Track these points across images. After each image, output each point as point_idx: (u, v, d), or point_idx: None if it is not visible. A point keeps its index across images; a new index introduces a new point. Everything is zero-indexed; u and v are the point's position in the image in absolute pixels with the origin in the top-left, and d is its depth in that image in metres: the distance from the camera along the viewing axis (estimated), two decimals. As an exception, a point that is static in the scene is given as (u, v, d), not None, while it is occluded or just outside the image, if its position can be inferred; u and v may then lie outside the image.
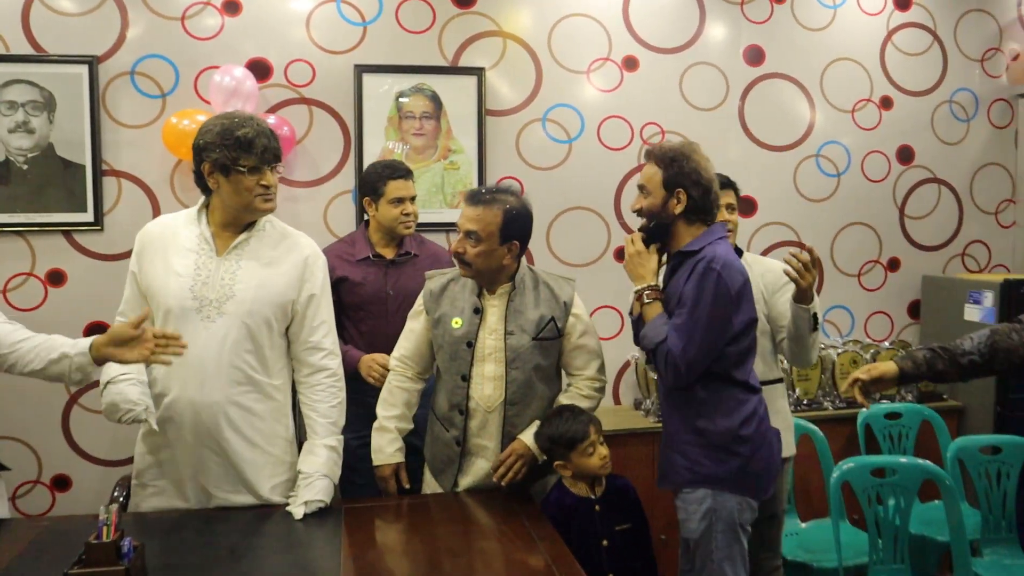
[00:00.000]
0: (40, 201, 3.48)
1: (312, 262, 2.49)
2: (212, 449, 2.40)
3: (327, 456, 2.48)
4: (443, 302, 2.60)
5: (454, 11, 3.75)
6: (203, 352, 2.35)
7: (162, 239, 2.42)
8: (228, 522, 2.38)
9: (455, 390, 2.57)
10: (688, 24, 3.98)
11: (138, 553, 1.99)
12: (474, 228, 2.46)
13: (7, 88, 3.43)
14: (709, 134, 3.98)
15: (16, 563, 2.12)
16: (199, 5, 3.56)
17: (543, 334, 2.54)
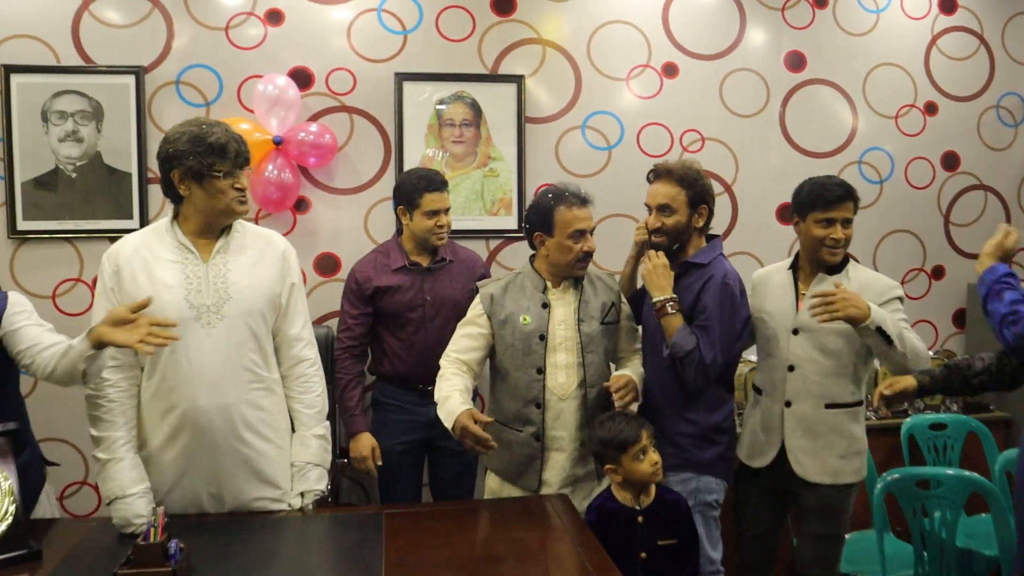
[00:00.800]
0: (88, 208, 3.55)
1: (288, 255, 2.54)
2: (229, 452, 2.42)
3: (318, 445, 2.54)
4: (507, 303, 2.75)
5: (494, 19, 3.77)
6: (211, 358, 2.36)
7: (139, 256, 2.38)
8: (266, 527, 2.40)
9: (530, 385, 2.70)
10: (728, 30, 3.96)
11: (184, 555, 2.02)
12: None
13: (57, 98, 3.51)
14: (750, 140, 3.95)
15: (66, 562, 2.16)
16: (242, 15, 3.62)
17: (608, 318, 2.77)
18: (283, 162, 3.49)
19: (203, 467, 2.42)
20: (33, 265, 3.49)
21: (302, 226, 3.67)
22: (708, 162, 3.91)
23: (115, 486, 2.34)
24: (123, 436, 2.38)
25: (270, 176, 3.47)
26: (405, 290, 3.16)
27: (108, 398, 2.37)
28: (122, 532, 2.34)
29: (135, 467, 2.38)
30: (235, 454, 2.42)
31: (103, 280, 2.39)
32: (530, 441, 2.69)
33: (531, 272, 2.78)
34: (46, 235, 3.51)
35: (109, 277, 2.38)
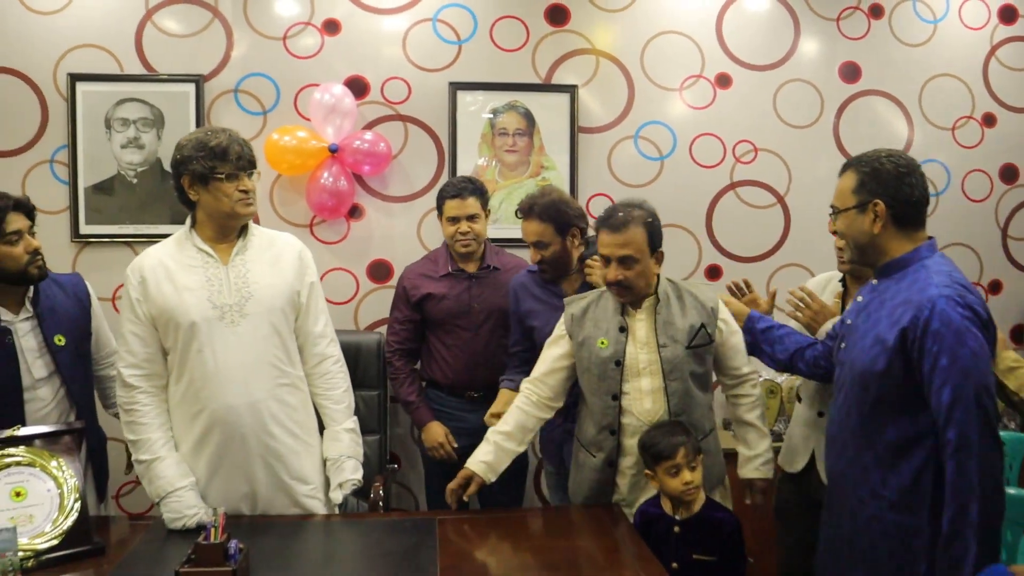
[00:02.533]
0: (147, 213, 3.62)
1: (304, 255, 2.59)
2: (259, 449, 2.45)
3: (349, 439, 2.58)
4: (586, 324, 2.60)
5: (547, 29, 3.79)
6: (236, 356, 2.41)
7: (162, 265, 2.45)
8: (320, 529, 2.43)
9: (605, 411, 2.55)
10: (782, 41, 3.93)
11: (243, 555, 2.05)
12: (628, 252, 2.46)
13: (120, 106, 3.59)
14: (803, 152, 3.92)
15: (129, 559, 2.21)
16: (300, 25, 3.68)
17: (696, 342, 2.54)
18: (338, 170, 3.54)
19: (235, 466, 2.46)
20: (94, 267, 3.56)
21: (356, 233, 3.72)
22: (761, 173, 3.92)
23: (164, 483, 2.40)
24: (161, 437, 2.44)
25: (325, 183, 3.52)
26: (451, 297, 3.19)
27: (141, 403, 2.44)
28: (173, 527, 2.39)
29: (180, 463, 2.44)
30: (265, 450, 2.46)
31: (129, 292, 2.44)
32: (603, 467, 2.58)
33: (612, 293, 2.61)
34: (107, 239, 3.60)
35: (135, 288, 2.43)
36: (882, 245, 2.13)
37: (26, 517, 2.17)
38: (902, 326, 1.99)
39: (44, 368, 2.52)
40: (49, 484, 2.24)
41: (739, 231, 3.92)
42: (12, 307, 2.50)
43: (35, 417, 2.47)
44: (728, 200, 3.91)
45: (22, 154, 3.58)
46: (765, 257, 3.93)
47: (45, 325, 2.52)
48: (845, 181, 2.17)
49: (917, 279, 2.04)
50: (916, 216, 2.12)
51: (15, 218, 2.46)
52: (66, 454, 2.30)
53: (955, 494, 1.91)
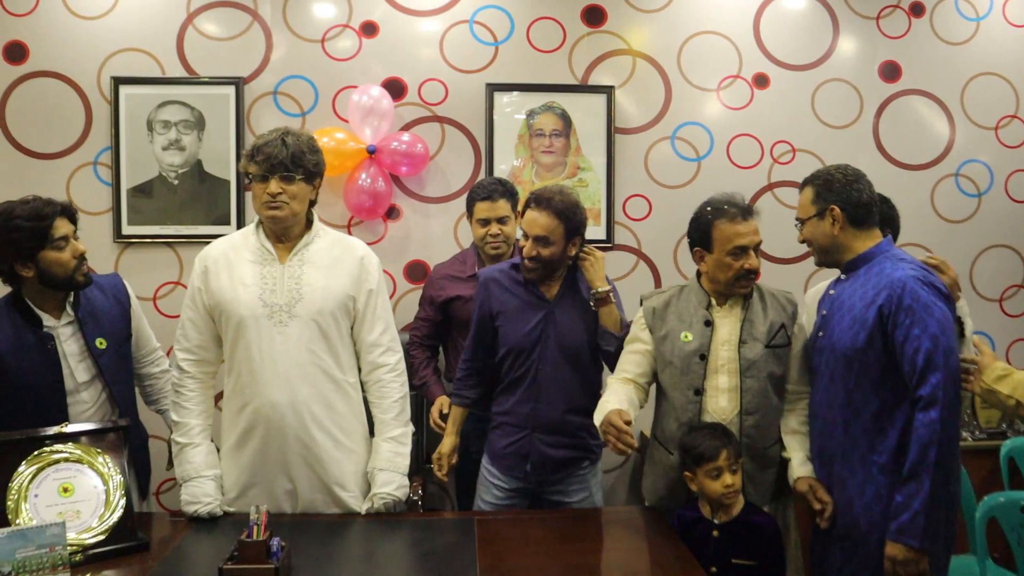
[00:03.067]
0: (187, 214, 3.67)
1: (367, 261, 2.58)
2: (299, 449, 2.48)
3: (387, 449, 2.55)
4: (669, 318, 2.60)
5: (584, 30, 3.78)
6: (281, 355, 2.44)
7: (225, 257, 2.51)
8: (359, 528, 2.45)
9: (686, 406, 2.53)
10: (821, 40, 3.89)
11: (285, 553, 2.07)
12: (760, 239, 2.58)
13: (162, 108, 3.65)
14: (842, 152, 3.87)
15: (173, 555, 2.24)
16: (338, 28, 3.71)
17: (775, 341, 2.52)
18: (376, 171, 3.56)
19: (277, 463, 2.49)
20: (136, 268, 3.62)
21: (393, 233, 3.74)
22: (799, 174, 3.83)
23: (191, 468, 2.49)
24: (200, 424, 2.53)
25: (363, 184, 3.54)
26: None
27: (188, 388, 2.53)
28: (186, 511, 2.46)
29: (210, 454, 2.53)
30: (305, 451, 2.48)
31: (193, 280, 2.53)
32: (679, 465, 2.52)
33: (696, 287, 2.60)
34: (148, 239, 3.65)
35: (198, 277, 2.52)
36: (844, 244, 2.44)
37: (73, 512, 2.21)
38: (878, 304, 2.29)
39: (86, 372, 2.51)
40: (95, 480, 2.28)
41: (776, 232, 3.84)
42: (54, 312, 2.49)
43: (78, 420, 2.48)
44: (766, 201, 3.88)
45: (67, 156, 3.65)
46: (803, 259, 3.89)
47: (86, 329, 2.51)
48: (804, 195, 2.51)
49: (884, 267, 2.35)
50: (868, 216, 2.44)
51: (61, 223, 2.43)
52: (111, 451, 2.34)
53: (918, 440, 2.20)
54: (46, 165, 3.64)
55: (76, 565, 2.08)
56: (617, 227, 3.81)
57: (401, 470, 2.55)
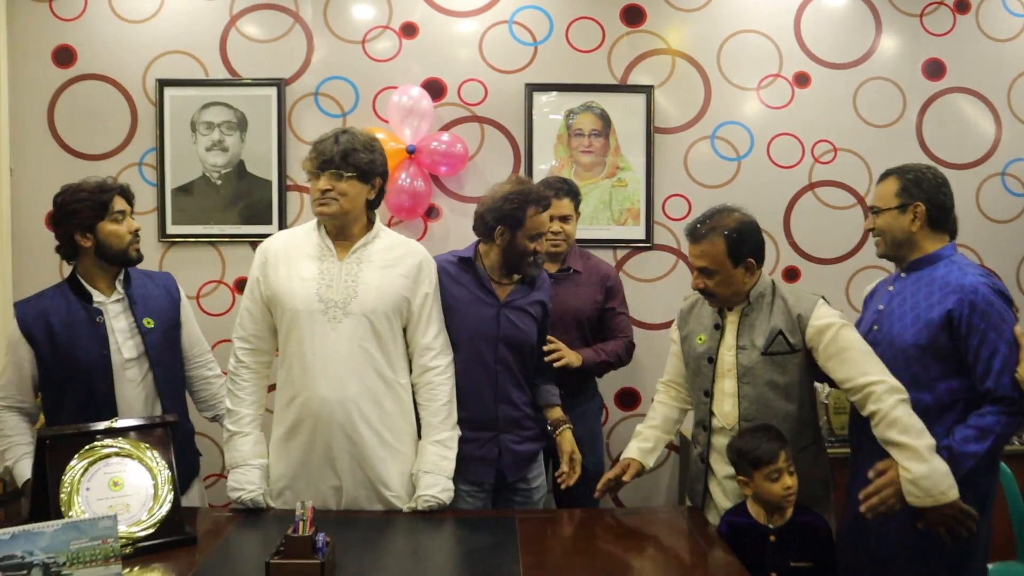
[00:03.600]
0: (230, 214, 3.72)
1: (425, 265, 2.60)
2: (345, 445, 2.49)
3: (433, 452, 2.55)
4: (691, 320, 2.65)
5: (623, 30, 3.78)
6: (333, 351, 2.46)
7: (285, 250, 2.56)
8: (402, 525, 2.45)
9: (699, 406, 2.60)
10: (863, 38, 3.85)
11: (331, 548, 2.08)
12: (703, 264, 2.46)
13: (205, 110, 3.70)
14: (884, 151, 3.82)
15: (220, 549, 2.26)
16: (378, 29, 3.74)
17: (772, 348, 2.46)
18: (416, 170, 3.59)
19: (323, 457, 2.51)
20: (180, 267, 3.67)
21: (432, 233, 3.76)
22: (840, 173, 3.85)
23: (239, 456, 2.54)
24: (251, 414, 2.57)
25: (403, 184, 3.56)
26: None
27: (242, 377, 2.58)
28: (231, 496, 2.51)
29: (258, 443, 2.57)
30: (351, 447, 2.50)
31: (252, 270, 2.58)
32: (697, 461, 2.61)
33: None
34: (192, 239, 3.70)
35: (258, 267, 2.57)
36: (917, 242, 2.48)
37: (123, 506, 2.24)
38: (947, 308, 2.34)
39: (134, 349, 2.60)
40: (144, 474, 2.31)
41: (818, 232, 3.85)
42: (105, 290, 2.62)
43: (124, 398, 2.58)
44: (807, 201, 3.85)
45: (113, 157, 3.72)
46: (844, 259, 3.85)
47: (135, 308, 2.62)
48: (888, 186, 2.52)
49: (951, 270, 2.41)
50: (946, 222, 2.50)
51: (120, 200, 2.61)
52: (159, 446, 2.37)
53: (980, 423, 2.30)
54: (93, 166, 3.70)
55: (127, 557, 2.11)
56: (656, 227, 3.80)
57: (446, 473, 2.55)
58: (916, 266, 2.49)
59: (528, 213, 2.65)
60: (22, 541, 1.88)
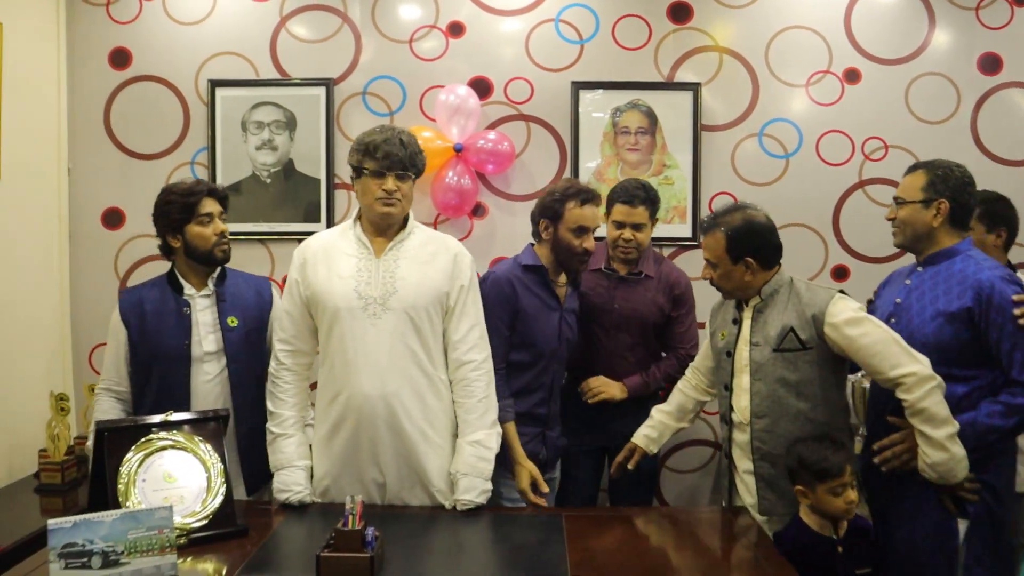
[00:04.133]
0: (279, 212, 3.78)
1: (461, 259, 2.62)
2: (388, 441, 2.52)
3: (469, 453, 2.55)
4: (718, 315, 2.73)
5: (670, 27, 3.76)
6: (374, 347, 2.49)
7: (323, 250, 2.59)
8: (447, 521, 2.48)
9: (721, 400, 2.66)
10: (915, 33, 3.78)
11: (379, 542, 2.11)
12: (707, 256, 2.59)
13: (256, 110, 3.76)
14: (937, 148, 3.72)
15: (271, 542, 2.30)
16: (425, 28, 3.77)
17: (784, 345, 2.48)
18: (462, 168, 3.61)
19: (367, 454, 2.54)
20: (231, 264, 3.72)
21: (479, 231, 3.77)
22: (891, 171, 3.78)
23: (283, 457, 2.58)
24: (293, 415, 2.61)
25: (450, 182, 3.59)
26: (595, 294, 3.14)
27: (283, 379, 2.62)
28: (278, 498, 2.55)
29: (302, 444, 2.61)
30: (396, 442, 2.52)
31: (292, 273, 2.62)
32: (722, 457, 2.67)
33: None
34: (242, 236, 3.75)
35: (296, 269, 2.61)
36: (936, 237, 2.53)
37: (178, 497, 2.29)
38: (965, 303, 2.39)
39: (214, 344, 2.72)
40: (198, 467, 2.36)
41: (868, 231, 3.78)
42: (197, 285, 2.75)
43: (199, 390, 2.68)
44: (856, 199, 3.79)
45: (166, 156, 3.80)
46: (895, 258, 3.77)
47: (222, 306, 2.74)
48: (915, 179, 2.57)
49: (967, 265, 2.45)
50: (966, 219, 2.56)
51: (209, 202, 2.72)
52: (212, 439, 2.42)
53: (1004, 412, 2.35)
54: (147, 165, 3.79)
55: (181, 548, 2.16)
56: (703, 225, 3.77)
57: (484, 475, 2.56)
58: (933, 260, 2.54)
59: (568, 206, 2.77)
60: (83, 530, 1.94)
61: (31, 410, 3.37)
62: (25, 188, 3.45)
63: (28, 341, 3.46)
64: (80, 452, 3.20)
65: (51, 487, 3.12)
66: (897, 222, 2.60)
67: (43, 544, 2.02)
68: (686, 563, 2.26)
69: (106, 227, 3.81)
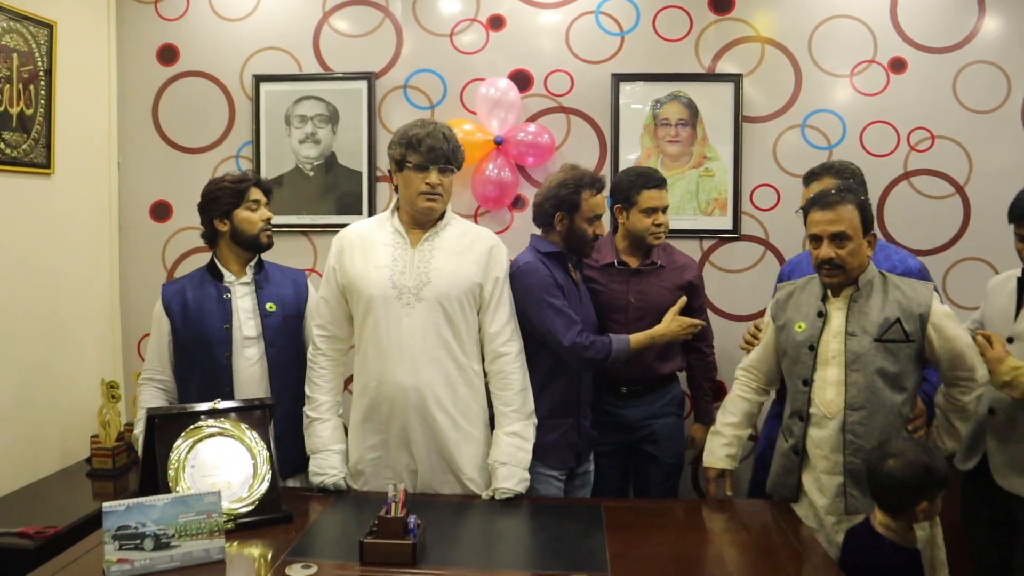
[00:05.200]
0: (322, 204, 3.83)
1: (496, 252, 2.66)
2: (420, 429, 2.56)
3: (507, 443, 2.58)
4: (788, 308, 2.63)
5: (711, 17, 3.73)
6: (407, 336, 2.53)
7: (361, 239, 2.63)
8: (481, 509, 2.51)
9: (796, 395, 2.56)
10: (964, 20, 3.70)
11: (421, 530, 2.14)
12: (842, 228, 2.43)
13: (299, 104, 3.81)
14: (986, 138, 3.68)
15: (315, 528, 2.36)
16: (466, 22, 3.78)
17: (887, 336, 2.44)
18: (503, 161, 3.62)
19: (399, 441, 2.58)
20: (273, 256, 3.68)
21: (518, 223, 3.78)
22: (938, 162, 3.72)
23: (319, 441, 2.65)
24: (329, 400, 2.68)
25: (490, 175, 3.61)
26: (608, 290, 3.15)
27: (320, 365, 2.69)
28: (313, 481, 2.62)
29: (337, 429, 2.67)
30: (427, 430, 2.56)
31: (330, 260, 2.68)
32: (789, 454, 2.56)
33: (817, 279, 2.59)
34: (286, 228, 3.80)
35: (334, 256, 2.67)
36: None
37: (225, 483, 2.35)
38: None
39: (253, 329, 2.78)
40: (244, 454, 2.42)
41: (913, 223, 3.73)
42: (237, 272, 2.83)
43: (240, 373, 2.74)
44: (902, 190, 3.73)
45: (212, 150, 3.87)
46: (941, 250, 3.72)
47: (261, 292, 2.81)
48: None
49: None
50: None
51: (256, 191, 2.81)
52: (258, 427, 2.48)
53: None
54: (193, 159, 3.87)
55: (228, 532, 2.22)
56: (744, 217, 3.74)
57: (523, 465, 2.60)
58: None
59: (584, 196, 2.79)
60: (136, 513, 2.00)
61: (83, 397, 3.48)
62: (77, 182, 3.56)
63: (80, 330, 3.57)
64: (128, 439, 3.28)
65: (102, 472, 3.22)
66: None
67: (97, 526, 2.09)
68: (727, 556, 2.26)
69: (154, 220, 3.90)
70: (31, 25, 3.24)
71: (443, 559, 2.12)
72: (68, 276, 3.49)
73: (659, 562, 2.15)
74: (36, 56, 3.28)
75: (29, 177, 3.27)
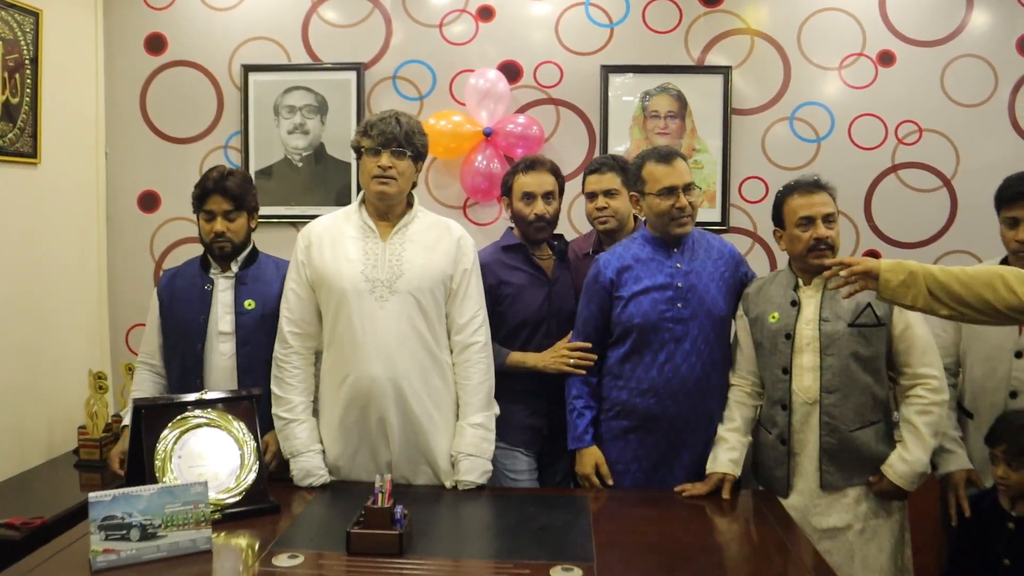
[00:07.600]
0: (310, 195, 3.82)
1: (463, 242, 2.65)
2: (397, 422, 2.54)
3: (472, 434, 2.58)
4: (759, 301, 2.65)
5: (701, 10, 3.74)
6: (382, 329, 2.51)
7: (328, 232, 2.60)
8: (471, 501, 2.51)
9: (776, 385, 2.58)
10: (952, 14, 3.72)
11: (408, 520, 2.14)
12: (832, 211, 2.53)
13: (288, 94, 3.80)
14: (973, 132, 3.70)
15: (302, 518, 2.34)
16: (455, 13, 3.78)
17: (860, 320, 2.49)
18: (492, 153, 3.62)
19: (377, 434, 2.57)
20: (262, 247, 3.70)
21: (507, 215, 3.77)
22: (925, 155, 3.74)
23: (298, 443, 2.59)
24: (303, 401, 2.62)
25: (479, 166, 3.61)
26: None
27: (292, 364, 2.61)
28: (300, 483, 2.57)
29: (313, 429, 2.62)
30: (402, 424, 2.55)
31: (296, 254, 2.63)
32: (776, 444, 2.58)
33: (787, 270, 2.65)
34: (274, 219, 3.80)
35: (301, 251, 2.62)
36: None
37: (212, 474, 2.35)
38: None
39: (228, 325, 2.74)
40: (232, 444, 2.41)
41: (900, 216, 3.75)
42: (223, 267, 2.80)
43: (211, 366, 2.72)
44: (889, 183, 3.75)
45: (200, 141, 3.86)
46: (928, 243, 3.75)
47: (241, 289, 2.77)
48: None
49: None
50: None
51: (215, 200, 2.72)
52: (245, 418, 2.47)
53: None
54: (181, 149, 3.86)
55: (215, 523, 2.21)
56: (732, 209, 3.76)
57: (486, 456, 2.60)
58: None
59: (515, 178, 2.89)
60: (122, 503, 2.00)
61: (70, 388, 3.47)
62: (64, 171, 3.53)
63: (67, 320, 3.55)
64: (115, 430, 3.27)
65: (90, 463, 3.22)
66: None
67: (83, 517, 2.08)
68: (713, 545, 2.27)
69: (142, 210, 3.88)
70: (17, 13, 3.22)
71: (429, 549, 2.12)
72: (55, 267, 3.47)
73: (645, 552, 2.16)
74: (22, 44, 3.25)
75: (15, 167, 3.25)
